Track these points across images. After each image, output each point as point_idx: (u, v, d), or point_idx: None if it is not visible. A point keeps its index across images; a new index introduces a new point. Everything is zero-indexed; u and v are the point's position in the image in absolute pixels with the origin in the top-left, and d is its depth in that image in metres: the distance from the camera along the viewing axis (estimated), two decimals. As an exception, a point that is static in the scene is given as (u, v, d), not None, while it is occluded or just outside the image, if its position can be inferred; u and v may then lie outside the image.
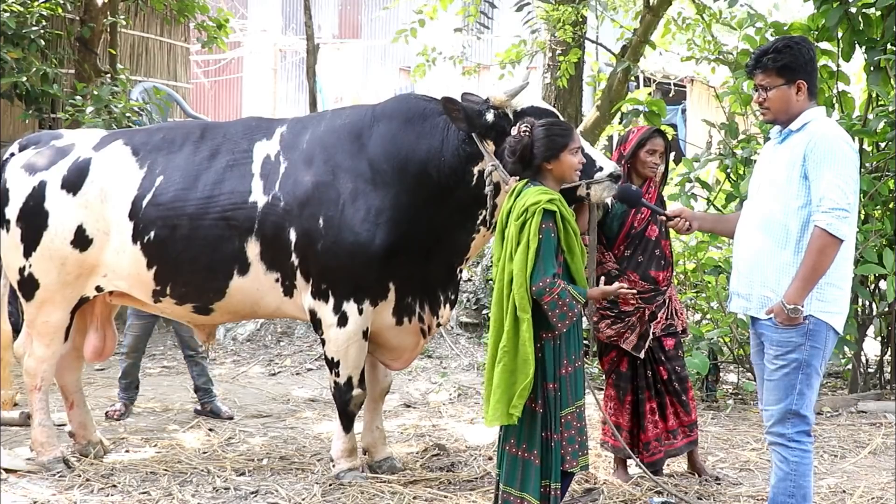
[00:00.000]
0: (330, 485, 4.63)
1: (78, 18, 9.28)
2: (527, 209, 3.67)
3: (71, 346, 5.03)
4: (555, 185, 3.82)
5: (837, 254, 3.48)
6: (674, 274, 4.86)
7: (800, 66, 3.64)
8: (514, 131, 3.90)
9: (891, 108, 6.39)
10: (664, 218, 4.23)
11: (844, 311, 3.63)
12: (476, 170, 4.39)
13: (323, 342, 4.64)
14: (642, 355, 4.70)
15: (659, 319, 4.71)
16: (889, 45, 6.25)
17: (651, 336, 4.69)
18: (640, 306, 4.68)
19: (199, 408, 6.14)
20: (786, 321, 3.52)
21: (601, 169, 4.26)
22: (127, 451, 5.24)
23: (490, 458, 5.02)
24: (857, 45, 6.36)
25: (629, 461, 4.74)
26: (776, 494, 3.63)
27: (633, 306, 4.68)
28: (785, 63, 3.62)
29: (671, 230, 4.52)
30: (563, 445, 3.75)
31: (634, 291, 4.27)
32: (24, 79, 7.84)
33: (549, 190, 3.75)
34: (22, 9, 8.04)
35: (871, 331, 7.04)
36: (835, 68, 6.56)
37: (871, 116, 6.54)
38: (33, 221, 4.75)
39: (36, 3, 8.31)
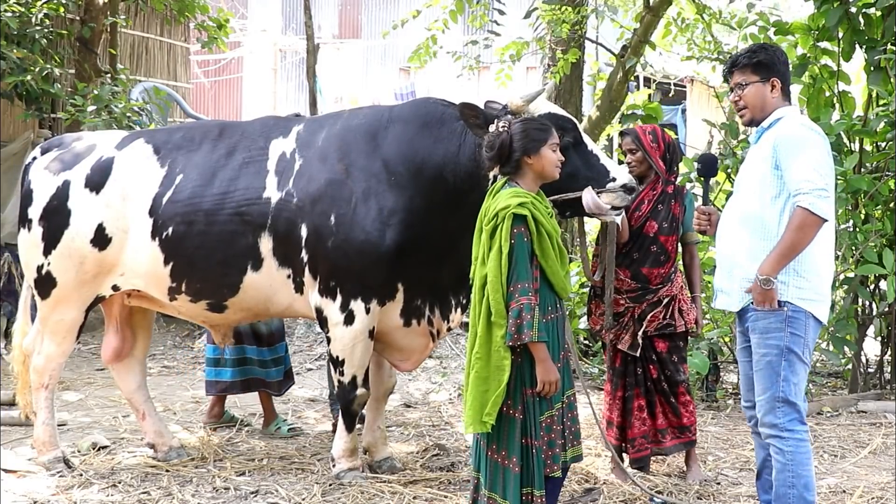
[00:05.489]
0: (330, 485, 4.63)
1: (78, 18, 9.27)
2: (497, 214, 3.65)
3: (131, 355, 5.14)
4: (533, 184, 3.78)
5: (814, 238, 3.52)
6: (675, 271, 4.83)
7: (773, 65, 3.77)
8: (491, 128, 3.89)
9: (891, 108, 6.39)
10: (700, 206, 4.06)
11: (823, 300, 3.68)
12: (492, 175, 4.37)
13: (328, 340, 4.64)
14: (638, 353, 4.72)
15: (652, 318, 4.71)
16: (889, 45, 6.26)
17: (641, 334, 4.70)
18: (630, 306, 4.72)
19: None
20: (760, 296, 3.57)
21: (614, 179, 4.25)
22: (127, 451, 5.24)
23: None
24: (857, 45, 6.36)
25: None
26: (778, 487, 3.65)
27: (623, 306, 4.72)
28: (759, 60, 3.76)
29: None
30: (545, 450, 3.69)
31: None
32: (29, 77, 7.83)
33: (522, 192, 3.69)
34: (23, 9, 8.03)
35: (871, 331, 7.05)
36: (835, 68, 6.57)
37: (871, 116, 6.54)
38: (55, 220, 4.79)
39: (38, 3, 8.30)
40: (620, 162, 5.63)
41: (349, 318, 4.52)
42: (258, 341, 5.63)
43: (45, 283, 4.83)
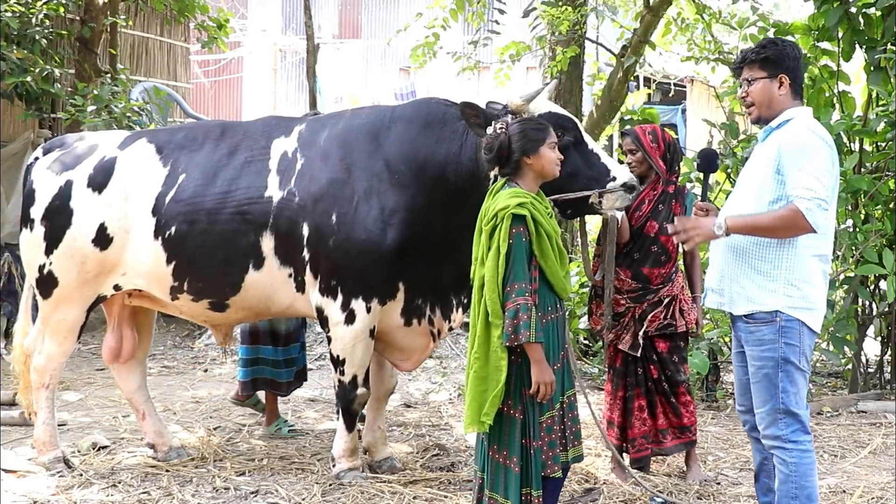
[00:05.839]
0: (330, 485, 4.63)
1: (78, 18, 9.27)
2: (496, 214, 3.65)
3: (131, 355, 5.12)
4: (533, 184, 3.77)
5: (788, 237, 3.48)
6: (676, 271, 4.84)
7: (782, 61, 3.65)
8: (489, 129, 3.89)
9: (891, 108, 6.39)
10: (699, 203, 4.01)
11: (816, 308, 3.61)
12: (493, 175, 4.36)
13: (329, 339, 4.64)
14: (638, 353, 4.72)
15: (653, 318, 4.71)
16: (889, 45, 6.26)
17: (642, 334, 4.70)
18: (630, 306, 4.73)
19: None
20: (697, 222, 3.59)
21: (614, 178, 4.24)
22: (127, 451, 5.24)
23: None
24: (857, 45, 6.36)
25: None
26: (780, 497, 3.61)
27: (624, 306, 4.73)
28: (767, 56, 3.65)
29: None
30: (545, 451, 3.69)
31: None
32: (29, 78, 7.83)
33: (521, 192, 3.69)
34: (23, 9, 8.04)
35: (871, 331, 7.05)
36: (835, 68, 6.57)
37: (871, 116, 6.54)
38: (57, 220, 4.81)
39: (38, 3, 8.30)
40: (621, 162, 5.64)
41: (350, 318, 4.52)
42: (275, 341, 5.61)
43: (47, 283, 4.84)
